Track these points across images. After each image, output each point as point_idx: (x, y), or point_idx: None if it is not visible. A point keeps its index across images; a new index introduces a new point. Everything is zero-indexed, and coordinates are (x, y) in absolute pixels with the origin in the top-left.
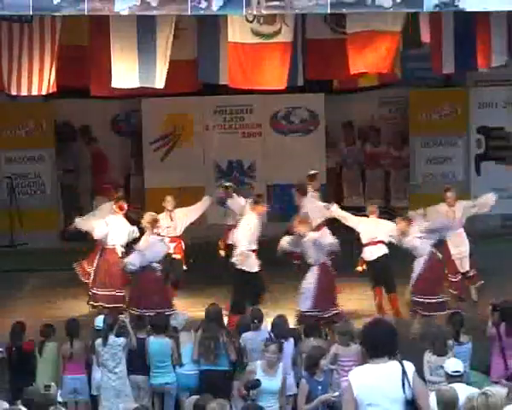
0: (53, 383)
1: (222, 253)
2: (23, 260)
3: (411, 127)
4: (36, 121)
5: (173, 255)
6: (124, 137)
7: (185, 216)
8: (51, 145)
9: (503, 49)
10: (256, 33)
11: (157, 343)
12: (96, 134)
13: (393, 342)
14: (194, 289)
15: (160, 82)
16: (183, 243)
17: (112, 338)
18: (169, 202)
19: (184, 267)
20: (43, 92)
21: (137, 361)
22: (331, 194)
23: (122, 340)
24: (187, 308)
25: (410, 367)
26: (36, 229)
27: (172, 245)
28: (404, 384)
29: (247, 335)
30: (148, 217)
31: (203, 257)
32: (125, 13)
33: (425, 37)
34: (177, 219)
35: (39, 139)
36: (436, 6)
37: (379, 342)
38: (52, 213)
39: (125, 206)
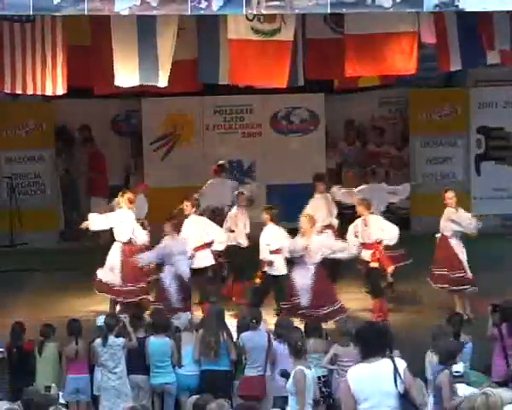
0: (53, 384)
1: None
2: (23, 260)
3: (411, 127)
4: (36, 121)
5: None
6: (124, 137)
7: None
8: (51, 145)
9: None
10: (256, 31)
11: (157, 343)
12: (96, 134)
13: (385, 341)
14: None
15: (162, 80)
16: None
17: (111, 339)
18: None
19: None
20: (49, 92)
21: (137, 361)
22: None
23: (121, 340)
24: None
25: (401, 364)
26: (36, 229)
27: None
28: (396, 380)
29: (245, 335)
30: None
31: None
32: (126, 13)
33: (426, 37)
34: None
35: (39, 139)
36: (436, 6)
37: (372, 342)
38: (52, 213)
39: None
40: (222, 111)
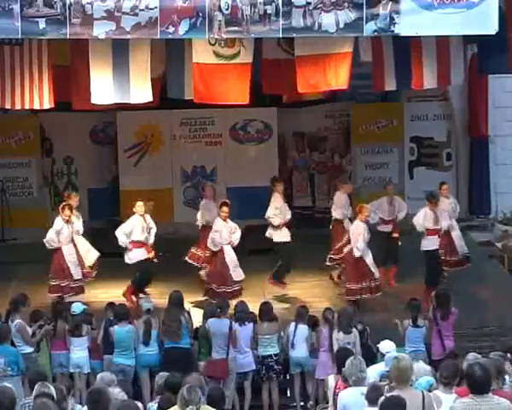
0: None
1: None
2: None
3: (353, 137)
4: (24, 132)
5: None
6: (101, 145)
7: None
8: (37, 153)
9: (434, 73)
10: (217, 55)
11: (122, 331)
12: (76, 143)
13: None
14: (162, 279)
15: (133, 98)
16: None
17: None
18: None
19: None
20: (37, 106)
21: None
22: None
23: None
24: (156, 295)
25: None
26: (24, 226)
27: None
28: None
29: (211, 321)
30: None
31: (171, 251)
32: (103, 37)
33: (366, 57)
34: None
35: (27, 148)
36: (374, 31)
37: None
38: (39, 212)
39: None
40: (187, 123)
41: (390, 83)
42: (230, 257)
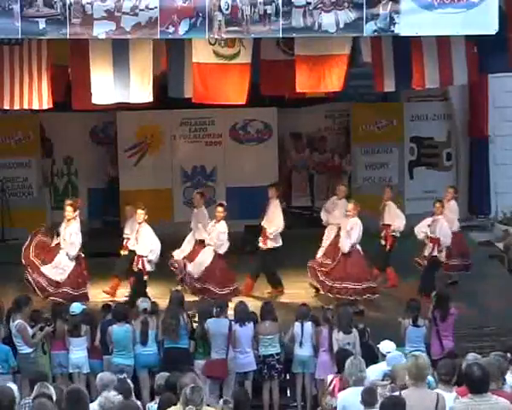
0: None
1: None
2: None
3: (353, 137)
4: (24, 132)
5: None
6: (101, 145)
7: None
8: (37, 153)
9: (436, 72)
10: (218, 55)
11: (120, 331)
12: (76, 143)
13: None
14: (162, 279)
15: (134, 97)
16: None
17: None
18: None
19: None
20: (36, 107)
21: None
22: (282, 195)
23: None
24: (156, 295)
25: None
26: (24, 226)
27: None
28: None
29: (210, 321)
30: None
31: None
32: (103, 37)
33: (367, 57)
34: None
35: (27, 148)
36: (375, 31)
37: None
38: (39, 212)
39: None
40: (187, 123)
41: (390, 83)
42: (200, 258)
